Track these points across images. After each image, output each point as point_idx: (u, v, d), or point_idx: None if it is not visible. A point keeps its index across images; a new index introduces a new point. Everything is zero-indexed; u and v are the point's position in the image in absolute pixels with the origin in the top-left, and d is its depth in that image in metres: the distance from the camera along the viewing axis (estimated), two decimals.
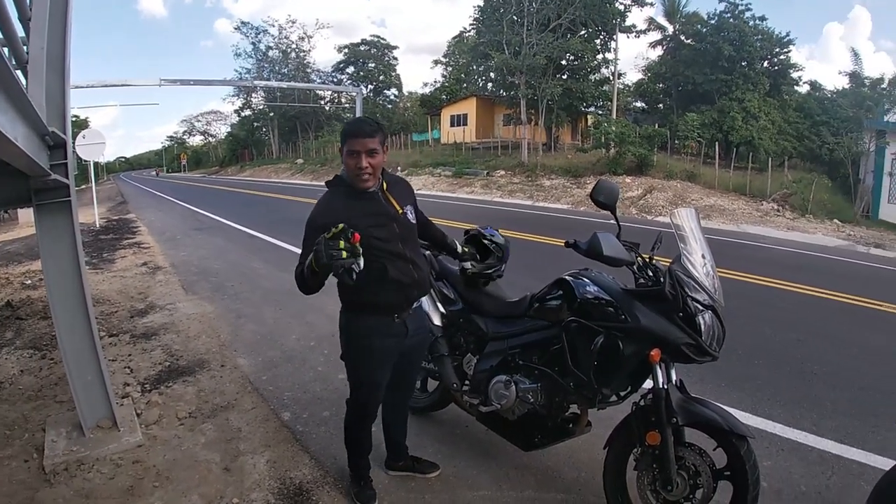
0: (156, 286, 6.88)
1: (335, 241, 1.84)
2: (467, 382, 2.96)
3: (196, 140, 74.44)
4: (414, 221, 2.45)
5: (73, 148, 12.56)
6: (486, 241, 2.92)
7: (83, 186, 23.33)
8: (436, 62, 42.97)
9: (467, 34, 39.83)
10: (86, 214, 13.92)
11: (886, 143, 20.74)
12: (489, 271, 2.90)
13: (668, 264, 2.32)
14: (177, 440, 3.22)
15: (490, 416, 2.82)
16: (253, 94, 51.83)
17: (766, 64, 28.66)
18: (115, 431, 3.18)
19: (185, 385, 3.98)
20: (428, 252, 3.31)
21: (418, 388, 3.58)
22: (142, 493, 2.69)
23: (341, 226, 1.87)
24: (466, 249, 2.87)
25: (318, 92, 47.79)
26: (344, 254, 1.83)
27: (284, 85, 40.96)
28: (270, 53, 50.16)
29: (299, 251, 2.22)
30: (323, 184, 2.44)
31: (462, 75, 42.55)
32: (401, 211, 2.36)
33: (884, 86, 21.45)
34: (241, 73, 50.64)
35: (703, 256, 2.33)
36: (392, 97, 52.79)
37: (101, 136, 12.91)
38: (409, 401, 2.86)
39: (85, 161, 14.39)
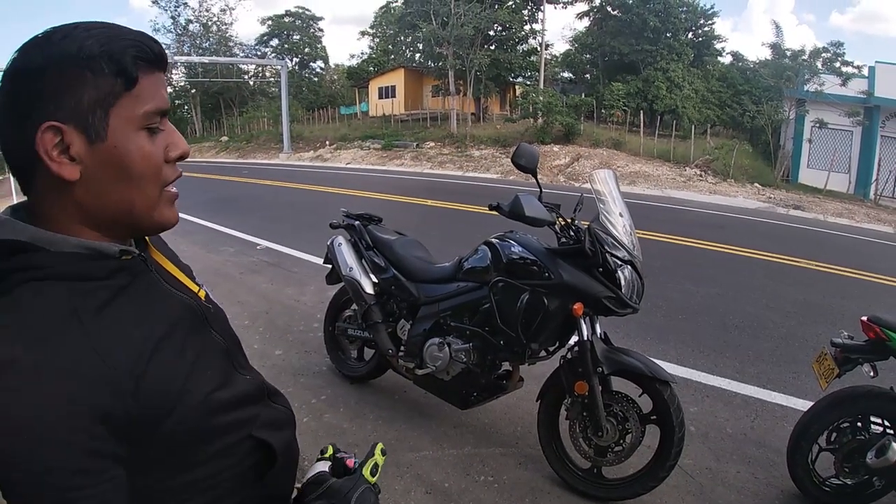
0: None
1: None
2: (402, 348, 3.01)
3: None
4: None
5: None
6: None
7: (1, 178, 21.62)
8: (362, 33, 42.07)
9: (394, 4, 39.09)
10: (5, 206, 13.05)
11: (806, 112, 21.66)
12: None
13: (587, 224, 2.43)
14: None
15: (426, 378, 2.89)
16: (173, 71, 49.26)
17: (690, 35, 29.46)
18: None
19: None
20: (357, 222, 3.30)
21: (355, 357, 3.61)
22: None
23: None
24: None
25: (241, 66, 45.96)
26: None
27: (206, 60, 39.08)
28: (191, 27, 47.50)
29: (228, 231, 0.99)
30: (243, 163, 1.79)
31: (389, 46, 41.76)
32: (199, 290, 0.89)
33: (804, 57, 22.31)
34: None
35: (621, 215, 2.44)
36: (318, 70, 51.22)
37: None
38: None
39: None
